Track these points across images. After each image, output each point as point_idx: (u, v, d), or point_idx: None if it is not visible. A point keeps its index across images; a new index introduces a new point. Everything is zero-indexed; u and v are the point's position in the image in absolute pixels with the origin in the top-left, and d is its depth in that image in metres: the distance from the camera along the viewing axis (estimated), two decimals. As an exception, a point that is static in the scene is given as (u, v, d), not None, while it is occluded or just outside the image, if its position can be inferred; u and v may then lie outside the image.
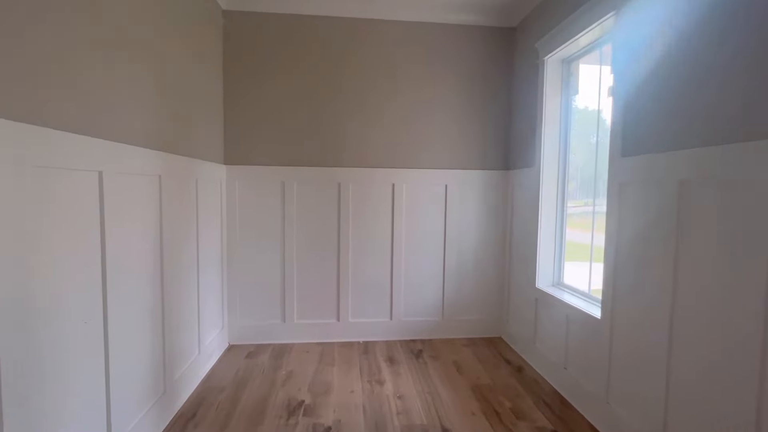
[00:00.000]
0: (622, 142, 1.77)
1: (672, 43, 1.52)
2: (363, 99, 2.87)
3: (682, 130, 1.47)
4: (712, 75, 1.35)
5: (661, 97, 1.57)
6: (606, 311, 1.87)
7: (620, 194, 1.79)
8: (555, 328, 2.33)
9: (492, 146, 3.03)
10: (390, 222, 2.94)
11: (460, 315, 3.06)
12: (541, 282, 2.56)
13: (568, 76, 2.46)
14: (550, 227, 2.54)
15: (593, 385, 1.97)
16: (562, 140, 2.51)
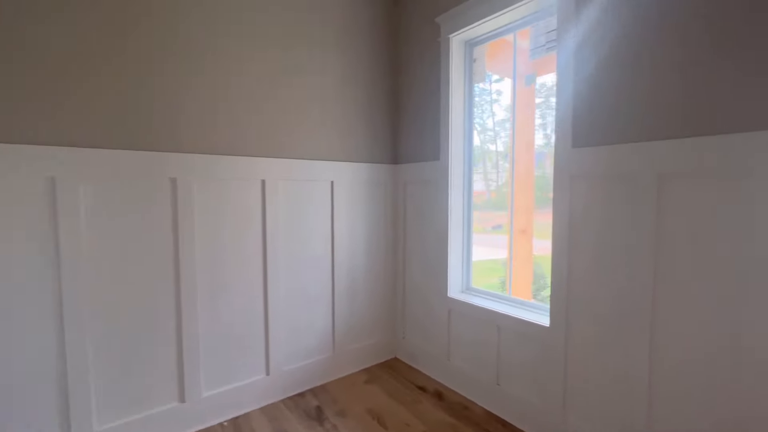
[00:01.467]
0: (573, 132, 1.61)
1: (626, 33, 1.42)
2: (215, 56, 1.84)
3: (651, 120, 1.38)
4: (674, 67, 1.29)
5: (621, 85, 1.46)
6: (558, 319, 1.69)
7: (571, 188, 1.63)
8: (480, 341, 2.07)
9: (381, 135, 2.54)
10: (260, 237, 2.02)
11: (354, 342, 2.46)
12: (453, 290, 2.27)
13: (471, 59, 2.23)
14: (458, 228, 2.27)
15: (541, 398, 1.78)
16: (467, 132, 2.27)
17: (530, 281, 3.42)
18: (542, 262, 7.14)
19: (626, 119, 1.45)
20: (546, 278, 5.98)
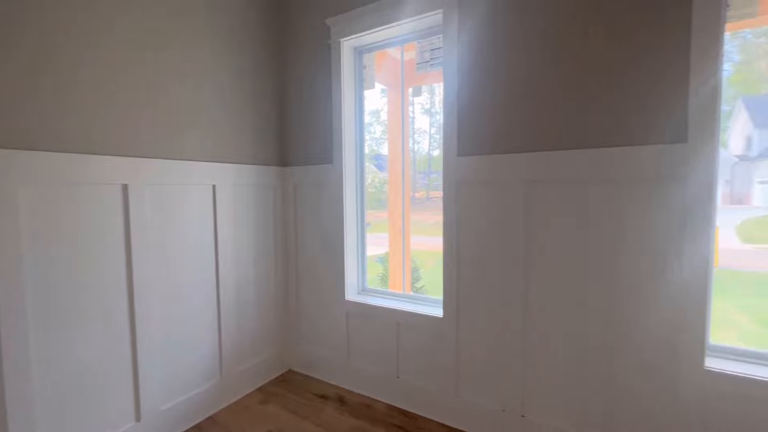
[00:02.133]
0: (458, 142, 1.82)
1: (497, 61, 1.69)
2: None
3: (522, 135, 1.67)
4: (536, 91, 1.61)
5: (495, 105, 1.72)
6: (450, 309, 1.89)
7: (457, 193, 1.84)
8: (380, 339, 2.15)
9: (269, 137, 2.36)
10: (122, 253, 1.64)
11: (244, 361, 2.23)
12: (350, 293, 2.29)
13: (362, 66, 2.28)
14: (353, 230, 2.30)
15: (437, 383, 1.96)
16: (358, 136, 2.31)
17: (408, 275, 3.71)
18: (417, 257, 7.74)
19: (500, 134, 1.72)
20: (420, 271, 6.52)
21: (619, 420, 1.53)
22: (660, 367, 1.44)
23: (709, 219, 1.34)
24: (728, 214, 10.93)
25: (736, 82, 9.17)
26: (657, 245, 1.42)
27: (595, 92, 1.50)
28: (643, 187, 1.43)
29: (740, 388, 1.32)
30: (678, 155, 1.36)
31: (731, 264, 9.02)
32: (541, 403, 1.69)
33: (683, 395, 1.40)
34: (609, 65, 1.47)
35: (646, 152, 1.41)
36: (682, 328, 1.39)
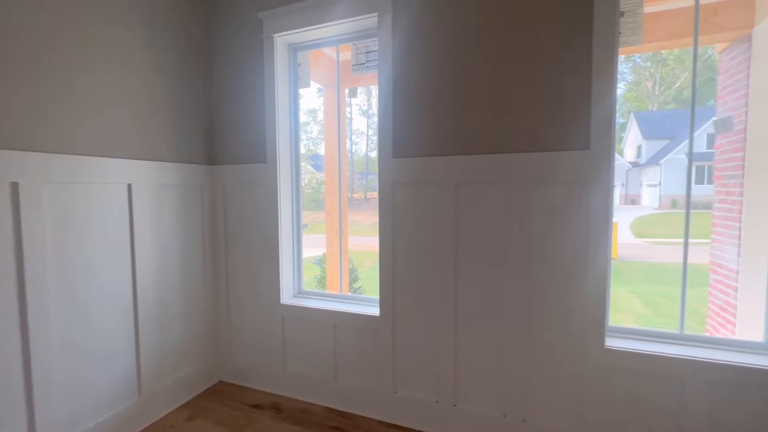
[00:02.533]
0: (393, 144, 1.87)
1: (425, 71, 1.77)
2: None
3: (452, 139, 1.76)
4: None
5: (427, 110, 1.80)
6: (387, 307, 1.93)
7: (393, 193, 1.88)
8: (317, 342, 2.12)
9: (194, 131, 2.20)
10: (12, 264, 1.42)
11: (168, 376, 2.05)
12: (286, 296, 2.22)
13: (296, 63, 2.22)
14: (288, 232, 2.24)
15: (375, 382, 1.99)
16: (293, 134, 2.25)
17: (346, 276, 3.71)
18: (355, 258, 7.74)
19: (432, 137, 1.79)
20: (358, 271, 6.55)
21: (536, 399, 1.69)
22: (570, 349, 1.62)
23: (607, 217, 1.54)
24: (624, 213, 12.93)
25: (630, 99, 10.98)
26: (566, 240, 1.60)
27: (517, 104, 1.64)
28: (555, 188, 1.60)
29: (634, 362, 1.53)
30: (583, 161, 1.54)
31: (627, 255, 10.44)
32: (471, 391, 1.80)
33: (588, 372, 1.59)
34: (530, 83, 1.61)
35: (557, 158, 1.58)
36: (587, 313, 1.58)
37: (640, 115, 22.65)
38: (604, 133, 1.52)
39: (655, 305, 6.57)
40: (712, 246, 2.69)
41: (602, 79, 1.51)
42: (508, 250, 1.69)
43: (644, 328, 1.64)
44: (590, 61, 1.52)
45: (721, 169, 2.56)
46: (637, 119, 22.20)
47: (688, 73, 21.67)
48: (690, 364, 1.45)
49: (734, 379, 1.41)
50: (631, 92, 27.52)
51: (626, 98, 28.03)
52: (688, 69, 21.63)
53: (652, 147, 20.15)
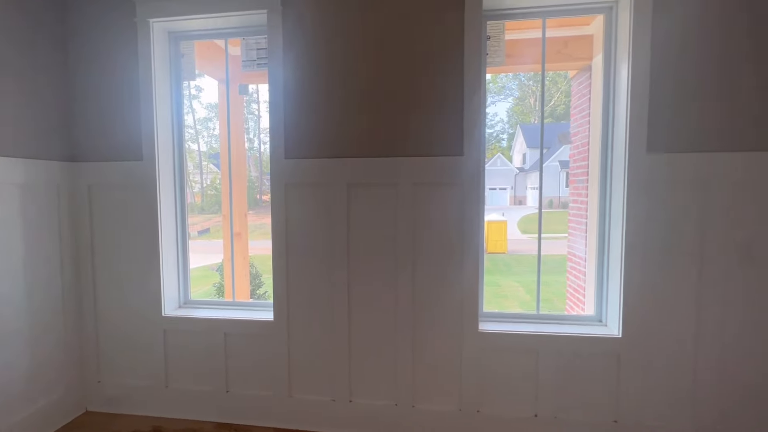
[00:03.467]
0: (286, 145, 1.84)
1: (315, 71, 1.80)
2: None
3: (344, 142, 1.81)
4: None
5: (319, 110, 1.82)
6: (281, 312, 1.89)
7: (286, 194, 1.86)
8: (206, 354, 1.97)
9: (46, 120, 1.86)
10: None
11: (14, 413, 1.70)
12: (169, 308, 2.02)
13: (179, 53, 2.04)
14: (171, 238, 2.04)
15: (270, 388, 1.93)
16: (176, 129, 2.06)
17: (248, 282, 3.52)
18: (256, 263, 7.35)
19: (325, 139, 1.81)
20: (262, 277, 6.24)
21: (424, 385, 1.82)
22: (450, 336, 1.78)
23: (479, 216, 1.73)
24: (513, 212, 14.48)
25: (517, 112, 12.46)
26: (444, 237, 1.76)
27: (402, 111, 1.75)
28: (434, 190, 1.75)
29: (502, 341, 1.75)
30: (458, 166, 1.72)
31: (516, 250, 11.76)
32: (365, 386, 1.86)
33: (466, 355, 1.77)
34: (413, 93, 1.74)
35: (436, 162, 1.73)
36: (463, 303, 1.76)
37: (525, 126, 25.93)
38: (475, 141, 1.71)
39: (534, 293, 7.59)
40: (568, 239, 3.22)
41: (473, 93, 1.70)
42: (396, 248, 1.79)
43: (510, 312, 1.89)
44: (462, 78, 1.70)
45: (574, 174, 3.08)
46: (522, 130, 25.36)
47: (560, 93, 25.52)
48: (542, 338, 1.72)
49: (574, 347, 1.71)
50: (517, 106, 31.33)
51: (514, 111, 31.84)
52: (560, 89, 25.48)
53: (534, 155, 23.22)
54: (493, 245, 11.80)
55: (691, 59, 1.58)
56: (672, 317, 1.65)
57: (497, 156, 25.03)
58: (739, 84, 1.57)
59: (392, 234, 1.79)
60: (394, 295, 1.81)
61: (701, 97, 1.59)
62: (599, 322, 1.81)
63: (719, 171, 1.58)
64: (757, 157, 1.56)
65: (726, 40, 1.56)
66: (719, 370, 1.63)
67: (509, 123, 31.57)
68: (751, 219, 1.58)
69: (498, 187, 23.92)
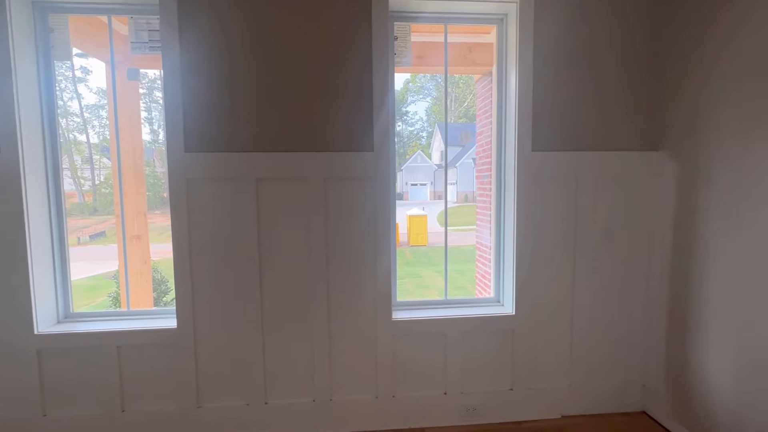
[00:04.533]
0: (186, 137, 1.70)
1: (230, 63, 1.70)
2: None
3: (251, 135, 1.73)
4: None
5: (224, 104, 1.71)
6: (185, 318, 1.75)
7: (188, 191, 1.72)
8: (95, 372, 1.74)
9: None
10: None
11: None
12: (43, 324, 1.74)
13: (46, 26, 1.74)
14: (44, 243, 1.75)
15: (175, 401, 1.78)
16: (46, 117, 1.77)
17: (150, 289, 3.19)
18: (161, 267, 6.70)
19: (231, 132, 1.72)
20: (168, 282, 5.70)
21: (341, 378, 1.85)
22: (365, 327, 1.83)
23: (390, 210, 1.80)
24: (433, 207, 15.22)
25: (435, 112, 12.95)
26: (357, 231, 1.80)
27: (313, 107, 1.73)
28: (346, 185, 1.77)
29: (414, 327, 1.85)
30: (368, 161, 1.76)
31: (436, 242, 12.41)
32: (282, 386, 1.83)
33: (381, 343, 1.84)
34: (324, 90, 1.73)
35: (348, 157, 1.75)
36: (377, 294, 1.82)
37: (442, 125, 27.41)
38: (385, 137, 1.77)
39: (452, 280, 8.13)
40: (476, 230, 3.50)
41: (381, 91, 1.75)
42: (309, 243, 1.78)
43: (421, 299, 2.01)
44: (371, 75, 1.74)
45: (480, 171, 3.36)
46: (440, 129, 26.77)
47: (472, 96, 27.47)
48: (450, 321, 1.86)
49: (477, 326, 1.88)
50: (435, 106, 32.99)
51: (432, 111, 33.46)
52: (472, 92, 27.43)
53: (451, 152, 24.71)
54: (414, 238, 12.32)
55: (568, 70, 1.83)
56: (554, 291, 1.90)
57: (417, 153, 26.11)
58: (609, 92, 1.86)
59: (305, 229, 1.77)
60: (307, 291, 1.80)
61: (577, 103, 1.85)
62: (498, 302, 2.02)
63: (590, 167, 1.86)
64: (621, 155, 1.87)
65: (597, 53, 1.83)
66: (589, 331, 1.93)
67: (428, 122, 33.14)
68: (613, 206, 1.90)
69: (419, 182, 24.99)
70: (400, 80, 39.09)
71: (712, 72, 1.61)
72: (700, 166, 1.66)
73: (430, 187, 24.96)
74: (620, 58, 1.85)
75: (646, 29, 1.85)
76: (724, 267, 1.56)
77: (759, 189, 1.42)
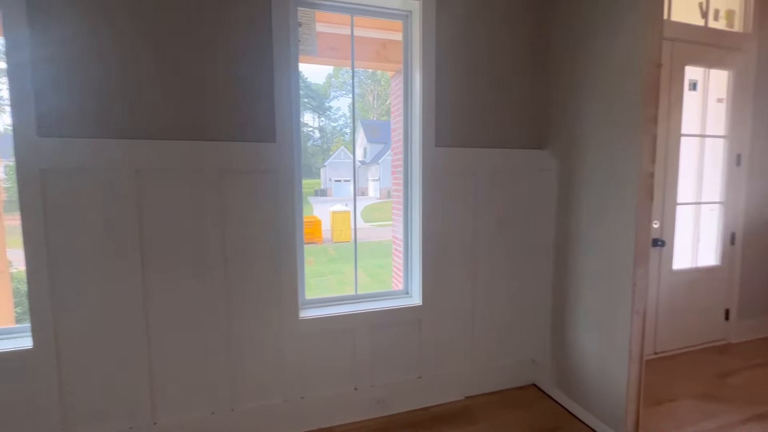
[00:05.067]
0: (38, 117, 1.41)
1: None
2: None
3: (127, 118, 1.51)
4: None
5: (85, 82, 1.46)
6: (44, 337, 1.46)
7: (43, 184, 1.43)
8: None
9: None
10: None
11: None
12: None
13: None
14: None
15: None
16: None
17: (10, 304, 2.66)
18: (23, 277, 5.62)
19: (102, 114, 1.47)
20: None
21: (246, 385, 1.72)
22: (270, 328, 1.73)
23: (294, 204, 1.72)
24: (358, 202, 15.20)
25: (358, 108, 12.92)
26: (260, 226, 1.68)
27: (210, 93, 1.57)
28: (246, 176, 1.64)
29: (323, 325, 1.80)
30: (270, 152, 1.66)
31: (360, 238, 12.45)
32: (174, 401, 1.64)
33: (288, 344, 1.75)
34: (223, 76, 1.57)
35: (246, 148, 1.63)
36: (282, 293, 1.73)
37: (365, 122, 27.61)
38: (288, 127, 1.68)
39: (375, 275, 8.25)
40: (393, 224, 3.57)
41: (284, 78, 1.66)
42: (204, 241, 1.62)
43: (331, 296, 1.96)
44: (272, 62, 1.64)
45: (395, 166, 3.42)
46: (363, 126, 26.94)
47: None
48: (359, 316, 1.85)
49: (385, 319, 1.90)
50: (358, 103, 33.09)
51: (356, 107, 33.52)
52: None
53: (374, 149, 25.04)
54: (338, 235, 12.24)
55: (467, 70, 1.93)
56: (458, 280, 2.01)
57: (341, 149, 25.95)
58: (504, 92, 2.00)
59: (198, 226, 1.61)
60: (202, 295, 1.63)
61: (476, 102, 1.96)
62: (407, 294, 2.07)
63: (488, 163, 1.99)
64: (513, 153, 2.03)
65: (493, 54, 1.96)
66: (488, 315, 2.08)
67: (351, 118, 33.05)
68: (507, 198, 2.06)
69: (343, 179, 24.88)
70: (323, 74, 38.08)
71: (577, 74, 1.83)
72: (573, 162, 1.89)
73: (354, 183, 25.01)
74: (514, 60, 2.01)
75: (536, 33, 2.03)
76: (594, 250, 1.80)
77: (617, 182, 1.66)
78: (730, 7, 2.58)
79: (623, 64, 1.62)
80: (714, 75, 2.57)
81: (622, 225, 1.64)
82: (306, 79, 34.46)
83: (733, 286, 2.67)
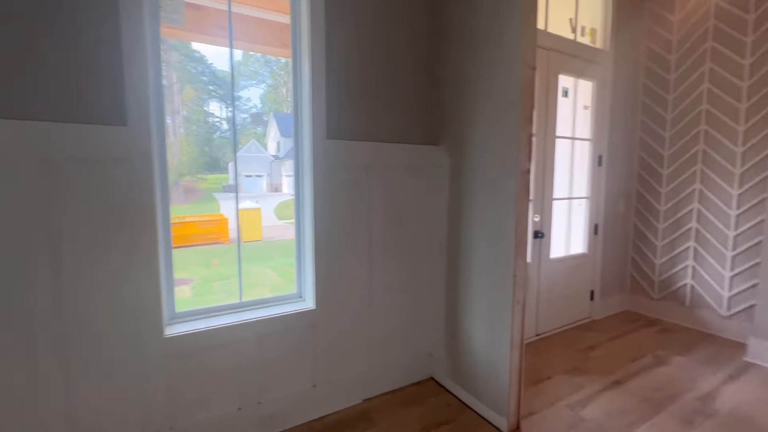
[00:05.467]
0: None
1: None
2: None
3: None
4: None
5: None
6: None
7: None
8: None
9: None
10: None
11: None
12: None
13: None
14: None
15: None
16: None
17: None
18: None
19: None
20: None
21: (105, 417, 1.41)
22: (125, 351, 1.44)
23: (153, 198, 1.44)
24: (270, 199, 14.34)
25: (271, 100, 11.63)
26: (106, 227, 1.37)
27: (22, 60, 1.21)
28: (84, 166, 1.32)
29: (195, 341, 1.56)
30: (119, 137, 1.36)
31: (272, 236, 11.74)
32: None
33: (152, 365, 1.48)
34: (44, 41, 1.22)
35: (85, 131, 1.31)
36: (138, 310, 1.44)
37: (278, 115, 26.35)
38: (143, 108, 1.40)
39: (286, 275, 7.86)
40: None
41: (137, 48, 1.37)
42: (25, 247, 1.26)
43: (208, 306, 1.71)
44: (118, 25, 1.34)
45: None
46: (276, 119, 25.68)
47: (309, 87, 27.22)
48: (243, 327, 1.65)
49: (275, 327, 1.72)
50: (270, 94, 31.44)
51: (268, 99, 31.80)
52: (309, 84, 27.18)
53: (287, 143, 24.03)
54: (247, 234, 11.42)
55: (361, 63, 1.83)
56: (353, 279, 1.92)
57: (252, 142, 24.34)
58: (399, 89, 1.95)
59: (16, 230, 1.25)
60: (26, 316, 1.28)
61: (371, 96, 1.88)
62: (300, 298, 1.92)
63: (383, 157, 1.93)
64: (409, 148, 2.00)
65: (388, 50, 1.90)
66: (384, 313, 2.04)
67: (263, 110, 31.32)
68: (403, 194, 2.03)
69: (254, 174, 23.38)
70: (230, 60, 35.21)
71: (465, 75, 1.87)
72: (461, 159, 1.93)
73: (267, 179, 23.72)
74: (411, 58, 1.98)
75: (431, 29, 2.03)
76: (482, 245, 1.86)
77: (498, 178, 1.73)
78: (594, 26, 2.94)
79: (503, 67, 1.68)
80: (581, 84, 2.90)
81: (503, 219, 1.72)
82: (211, 65, 31.46)
83: (596, 270, 3.08)
